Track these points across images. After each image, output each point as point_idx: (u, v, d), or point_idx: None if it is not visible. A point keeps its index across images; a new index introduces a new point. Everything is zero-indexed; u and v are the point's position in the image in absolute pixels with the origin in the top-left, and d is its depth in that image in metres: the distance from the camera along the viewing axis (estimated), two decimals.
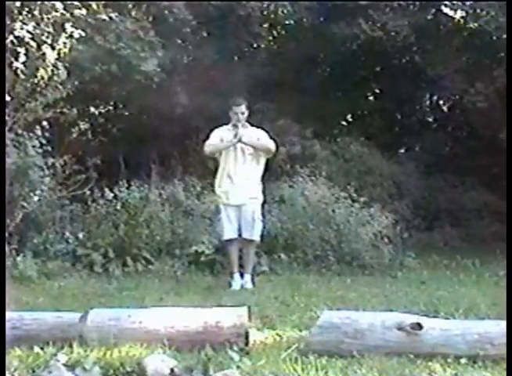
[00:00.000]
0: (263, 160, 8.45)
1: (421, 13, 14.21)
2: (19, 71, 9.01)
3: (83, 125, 10.26)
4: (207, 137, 8.56)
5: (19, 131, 9.08)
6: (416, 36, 14.06)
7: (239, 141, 8.20)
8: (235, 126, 8.35)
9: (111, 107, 14.51)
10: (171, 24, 12.29)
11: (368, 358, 4.27)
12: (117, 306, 5.57)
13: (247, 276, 8.22)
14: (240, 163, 8.26)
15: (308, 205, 10.39)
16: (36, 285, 7.95)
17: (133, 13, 11.90)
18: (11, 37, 8.90)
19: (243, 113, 8.31)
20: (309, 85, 14.61)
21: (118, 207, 9.86)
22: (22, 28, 9.02)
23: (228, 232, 8.28)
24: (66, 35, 9.31)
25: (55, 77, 9.25)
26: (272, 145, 8.44)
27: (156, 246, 9.65)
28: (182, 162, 12.68)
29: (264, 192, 8.58)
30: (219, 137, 8.40)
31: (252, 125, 8.52)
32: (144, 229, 9.70)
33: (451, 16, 14.76)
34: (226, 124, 8.45)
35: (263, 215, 8.58)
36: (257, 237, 8.38)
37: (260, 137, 8.41)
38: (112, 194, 9.91)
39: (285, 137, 13.05)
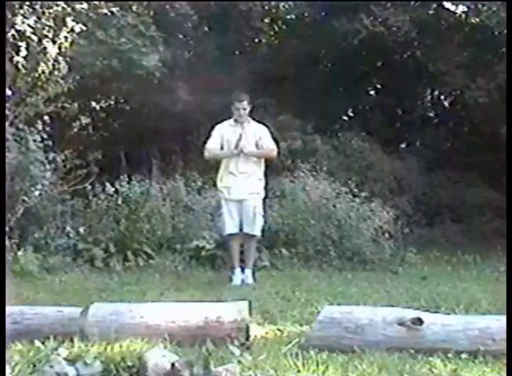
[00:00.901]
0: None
1: (422, 9, 14.21)
2: (20, 65, 9.00)
3: (84, 120, 10.21)
4: (209, 134, 8.54)
5: (21, 126, 9.09)
6: (417, 31, 14.05)
7: (241, 152, 8.19)
8: (236, 121, 8.33)
9: (112, 102, 14.50)
10: (172, 19, 12.29)
11: (369, 353, 4.27)
12: (118, 301, 5.58)
13: (248, 271, 8.22)
14: (242, 158, 8.25)
15: (309, 200, 10.39)
16: (37, 280, 7.95)
17: (134, 8, 11.89)
18: (12, 32, 8.90)
19: (244, 109, 8.29)
20: (310, 80, 14.61)
21: (119, 202, 9.87)
22: (23, 22, 9.01)
23: (230, 227, 8.28)
24: (68, 30, 9.30)
25: (56, 72, 9.25)
26: (273, 151, 8.43)
27: (157, 241, 9.65)
28: (183, 157, 12.68)
29: (266, 187, 8.58)
30: (220, 136, 8.36)
31: (254, 119, 8.51)
32: (145, 224, 9.70)
33: (452, 12, 14.76)
34: (229, 118, 8.44)
35: (264, 210, 8.58)
36: (258, 232, 8.38)
37: (262, 136, 8.38)
38: (113, 189, 9.91)
39: (286, 132, 13.06)
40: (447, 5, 14.52)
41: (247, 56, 15.05)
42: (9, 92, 8.75)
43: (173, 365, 3.82)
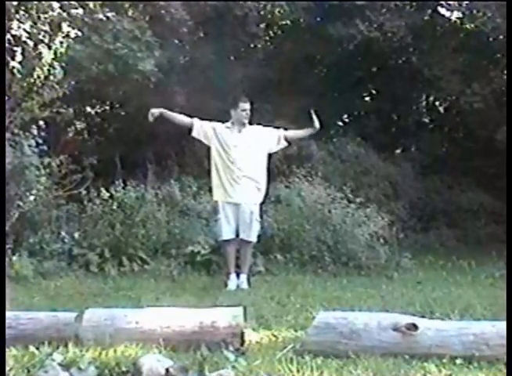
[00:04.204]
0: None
1: (418, 14, 14.22)
2: (15, 70, 9.00)
3: (79, 125, 10.26)
4: None
5: (16, 131, 9.09)
6: (412, 37, 14.07)
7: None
8: (234, 124, 8.29)
9: (108, 107, 14.52)
10: (168, 24, 12.27)
11: (363, 358, 4.28)
12: (113, 306, 5.57)
13: (243, 277, 8.22)
14: (242, 162, 8.21)
15: (305, 205, 10.38)
16: (32, 285, 7.95)
17: (130, 13, 11.90)
18: (8, 36, 8.89)
19: (248, 112, 8.26)
20: (306, 86, 14.61)
21: (114, 207, 9.85)
22: (19, 27, 9.01)
23: (226, 232, 8.27)
24: (63, 34, 9.30)
25: (52, 77, 9.24)
26: (287, 131, 8.61)
27: (153, 246, 9.64)
28: (179, 162, 12.67)
29: (267, 193, 8.61)
30: (212, 128, 8.36)
31: (251, 124, 8.49)
32: (140, 228, 9.69)
33: (447, 17, 14.77)
34: (226, 121, 8.41)
35: (260, 215, 8.58)
36: (254, 238, 8.39)
37: (263, 132, 8.42)
38: (108, 194, 9.89)
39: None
40: (442, 10, 14.54)
41: (243, 60, 15.04)
42: None
43: (167, 370, 3.83)
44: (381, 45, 14.39)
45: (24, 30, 9.02)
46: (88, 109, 13.66)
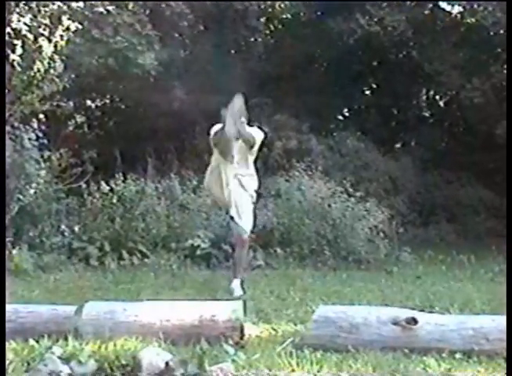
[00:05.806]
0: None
1: (418, 8, 14.22)
2: (15, 64, 8.99)
3: (79, 118, 10.23)
4: (207, 133, 8.33)
5: (16, 124, 9.09)
6: (413, 31, 14.07)
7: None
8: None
9: (108, 101, 14.52)
10: (168, 18, 12.27)
11: (363, 352, 4.28)
12: (113, 300, 5.57)
13: (237, 282, 7.29)
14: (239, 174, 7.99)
15: (304, 200, 10.38)
16: (31, 278, 7.95)
17: (130, 7, 11.87)
18: (8, 30, 8.88)
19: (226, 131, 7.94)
20: (306, 80, 14.61)
21: (114, 201, 9.84)
22: (19, 20, 8.99)
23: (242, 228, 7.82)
24: (63, 28, 9.28)
25: (52, 70, 9.23)
26: (253, 138, 8.14)
27: (152, 239, 9.63)
28: (178, 156, 12.67)
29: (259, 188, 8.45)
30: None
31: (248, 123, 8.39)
32: (140, 222, 9.69)
33: (448, 11, 14.78)
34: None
35: (258, 208, 8.34)
36: (248, 228, 7.93)
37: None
38: (108, 187, 9.89)
39: (281, 132, 13.06)
40: (443, 5, 14.54)
41: (243, 55, 15.04)
42: None
43: (167, 364, 3.83)
44: (381, 40, 14.38)
45: (24, 23, 9.01)
46: (88, 102, 13.66)
